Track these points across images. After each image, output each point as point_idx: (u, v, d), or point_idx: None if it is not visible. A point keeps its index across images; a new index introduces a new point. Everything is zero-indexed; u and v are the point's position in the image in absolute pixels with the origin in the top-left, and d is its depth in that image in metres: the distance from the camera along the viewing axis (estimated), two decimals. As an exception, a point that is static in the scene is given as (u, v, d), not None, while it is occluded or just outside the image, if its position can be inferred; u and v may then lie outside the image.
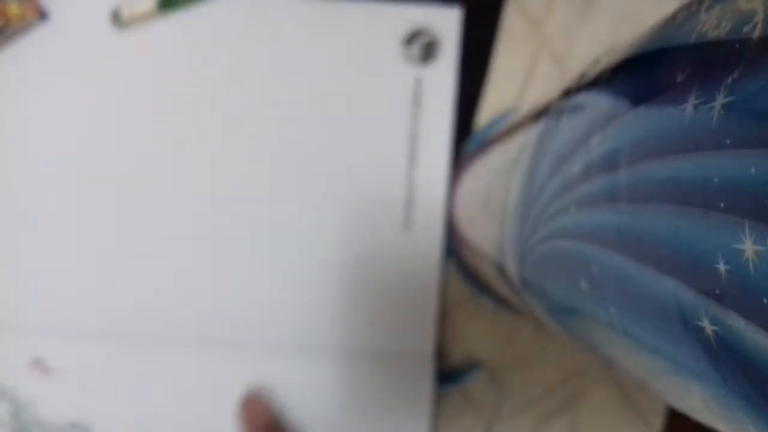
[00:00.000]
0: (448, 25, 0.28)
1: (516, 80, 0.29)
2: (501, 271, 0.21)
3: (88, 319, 0.30)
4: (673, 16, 0.12)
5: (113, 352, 0.30)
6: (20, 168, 0.29)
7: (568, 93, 0.16)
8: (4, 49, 0.29)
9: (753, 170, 0.08)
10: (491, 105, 0.29)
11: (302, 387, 0.30)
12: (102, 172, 0.29)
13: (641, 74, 0.12)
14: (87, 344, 0.30)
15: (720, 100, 0.09)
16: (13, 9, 0.27)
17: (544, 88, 0.29)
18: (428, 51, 0.29)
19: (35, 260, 0.29)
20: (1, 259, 0.29)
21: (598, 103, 0.14)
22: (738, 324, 0.08)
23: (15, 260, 0.29)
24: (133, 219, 0.29)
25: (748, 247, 0.08)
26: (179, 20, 0.28)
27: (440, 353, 0.30)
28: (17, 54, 0.29)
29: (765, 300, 0.08)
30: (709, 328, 0.09)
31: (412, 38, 0.28)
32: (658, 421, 0.31)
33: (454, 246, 0.29)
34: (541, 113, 0.18)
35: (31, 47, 0.29)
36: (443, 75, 0.29)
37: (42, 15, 0.28)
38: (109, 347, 0.30)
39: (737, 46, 0.09)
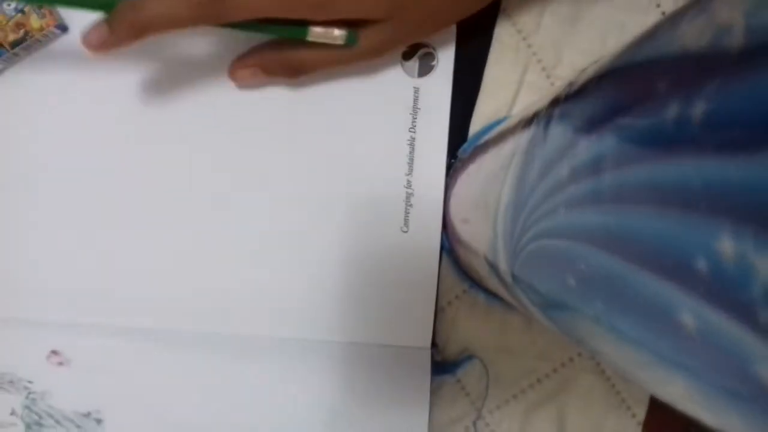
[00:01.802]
0: (445, 38, 0.28)
1: (507, 89, 0.29)
2: (493, 268, 0.21)
3: (104, 313, 0.30)
4: (656, 28, 0.12)
5: (127, 346, 0.30)
6: (38, 168, 0.29)
7: (556, 101, 0.16)
8: (24, 60, 0.29)
9: (732, 173, 0.08)
10: (484, 113, 0.29)
11: (305, 379, 0.30)
12: (117, 174, 0.29)
13: (626, 83, 0.12)
14: (102, 337, 0.30)
15: (700, 107, 0.09)
16: (34, 21, 0.27)
17: (534, 96, 0.29)
18: (426, 63, 0.29)
19: (53, 255, 0.29)
20: (19, 253, 0.29)
21: (585, 110, 0.14)
22: (717, 318, 0.08)
23: (33, 254, 0.29)
24: (144, 217, 0.29)
25: (727, 246, 0.08)
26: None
27: (435, 345, 0.30)
28: (37, 65, 0.29)
29: (742, 296, 0.08)
30: (690, 322, 0.09)
31: (411, 53, 0.29)
32: (642, 410, 0.31)
33: (449, 244, 0.29)
34: (531, 120, 0.18)
35: (51, 59, 0.29)
36: (440, 85, 0.29)
37: (62, 27, 0.28)
38: (123, 341, 0.30)
39: (717, 56, 0.09)
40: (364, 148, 0.29)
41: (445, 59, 0.29)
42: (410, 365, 0.29)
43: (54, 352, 0.30)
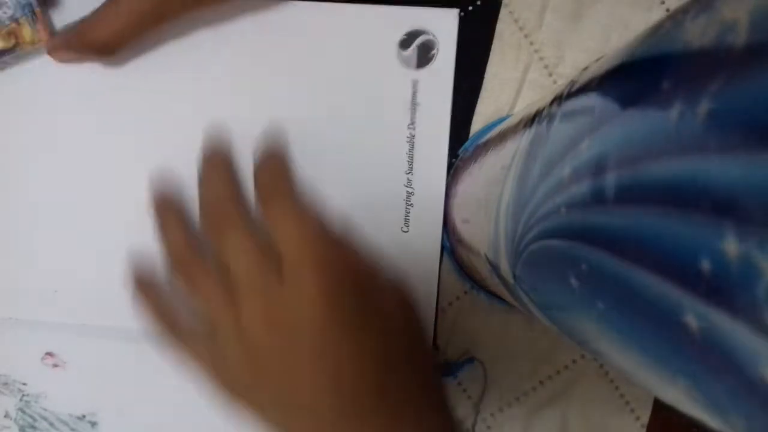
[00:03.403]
0: (446, 28, 0.28)
1: (509, 88, 0.29)
2: (495, 268, 0.21)
3: (100, 315, 0.30)
4: (660, 26, 0.12)
5: (123, 348, 0.30)
6: (35, 170, 0.29)
7: (558, 99, 0.16)
8: (14, 68, 0.29)
9: (735, 173, 0.08)
10: (485, 111, 0.29)
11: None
12: (115, 175, 0.29)
13: (629, 81, 0.12)
14: (98, 339, 0.30)
15: (704, 106, 0.09)
16: (26, 33, 0.27)
17: (536, 95, 0.29)
18: (425, 53, 0.28)
19: (50, 257, 0.29)
20: (16, 255, 0.29)
21: (587, 108, 0.14)
22: (721, 319, 0.08)
23: (30, 257, 0.29)
24: (141, 218, 0.29)
25: (731, 246, 0.08)
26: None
27: (436, 347, 0.30)
28: (25, 74, 0.28)
29: (746, 297, 0.08)
30: (694, 323, 0.09)
31: (409, 41, 0.28)
32: (646, 413, 0.31)
33: (450, 244, 0.29)
34: (533, 119, 0.18)
35: (40, 68, 0.28)
36: (440, 77, 0.28)
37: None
38: (119, 343, 0.30)
39: (721, 54, 0.09)
40: (363, 146, 0.29)
41: (446, 50, 0.28)
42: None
43: (49, 354, 0.30)
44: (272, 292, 0.24)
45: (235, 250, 0.25)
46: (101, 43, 0.26)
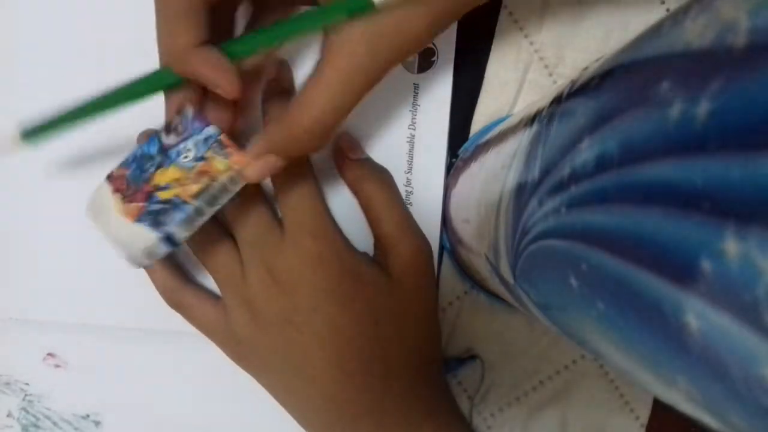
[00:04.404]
0: (445, 34, 0.28)
1: (509, 88, 0.29)
2: (495, 268, 0.21)
3: (102, 315, 0.30)
4: (660, 26, 0.12)
5: (126, 347, 0.30)
6: (35, 167, 0.29)
7: (558, 100, 0.16)
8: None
9: (735, 173, 0.08)
10: (486, 111, 0.29)
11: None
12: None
13: (629, 81, 0.12)
14: (100, 339, 0.30)
15: (704, 106, 0.09)
16: (218, 164, 0.22)
17: (536, 95, 0.29)
18: (426, 58, 0.29)
19: (50, 256, 0.29)
20: (16, 254, 0.29)
21: (587, 108, 0.14)
22: (721, 319, 0.08)
23: (30, 255, 0.29)
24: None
25: (731, 246, 0.08)
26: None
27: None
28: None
29: (746, 297, 0.08)
30: (694, 323, 0.09)
31: (410, 47, 0.28)
32: (645, 413, 0.31)
33: (450, 244, 0.29)
34: (533, 119, 0.18)
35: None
36: (440, 81, 0.29)
37: None
38: (121, 342, 0.30)
39: (721, 54, 0.09)
40: (363, 145, 0.29)
41: (446, 55, 0.29)
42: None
43: (50, 355, 0.30)
44: (273, 249, 0.25)
45: (243, 205, 0.26)
46: (308, 150, 0.24)
